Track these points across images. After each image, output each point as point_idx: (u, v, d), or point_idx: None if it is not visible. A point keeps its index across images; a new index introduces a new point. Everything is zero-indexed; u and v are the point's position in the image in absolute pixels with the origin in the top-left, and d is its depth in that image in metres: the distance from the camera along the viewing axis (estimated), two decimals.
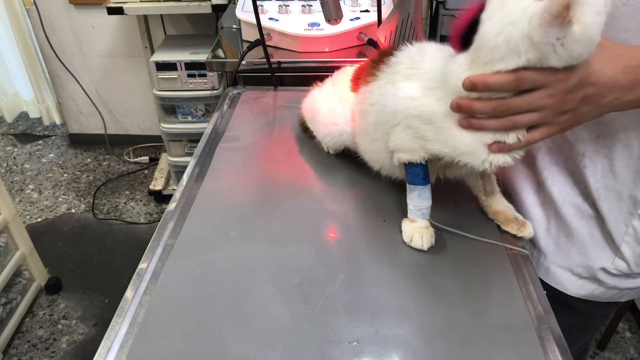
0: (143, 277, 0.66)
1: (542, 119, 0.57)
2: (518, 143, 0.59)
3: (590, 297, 0.74)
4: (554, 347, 0.57)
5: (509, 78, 0.54)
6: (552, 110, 0.56)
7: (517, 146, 0.59)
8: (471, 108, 0.58)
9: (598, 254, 0.70)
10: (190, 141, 2.18)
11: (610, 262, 0.70)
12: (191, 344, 0.57)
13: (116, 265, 2.03)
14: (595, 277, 0.72)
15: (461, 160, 0.62)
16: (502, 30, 0.53)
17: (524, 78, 0.54)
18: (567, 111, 0.56)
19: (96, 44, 2.46)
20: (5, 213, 1.62)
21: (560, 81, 0.53)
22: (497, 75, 0.55)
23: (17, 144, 2.80)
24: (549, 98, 0.55)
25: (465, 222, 0.74)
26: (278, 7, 1.31)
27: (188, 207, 0.78)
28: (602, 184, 0.67)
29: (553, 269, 0.75)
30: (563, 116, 0.56)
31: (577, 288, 0.74)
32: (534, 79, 0.54)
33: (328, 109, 0.84)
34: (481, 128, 0.59)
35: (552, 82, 0.54)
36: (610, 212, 0.67)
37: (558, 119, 0.57)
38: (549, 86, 0.54)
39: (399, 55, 0.69)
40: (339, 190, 0.83)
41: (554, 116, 0.56)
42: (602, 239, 0.70)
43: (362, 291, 0.64)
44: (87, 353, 1.68)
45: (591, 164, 0.67)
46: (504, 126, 0.58)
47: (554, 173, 0.72)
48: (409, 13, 0.95)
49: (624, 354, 1.69)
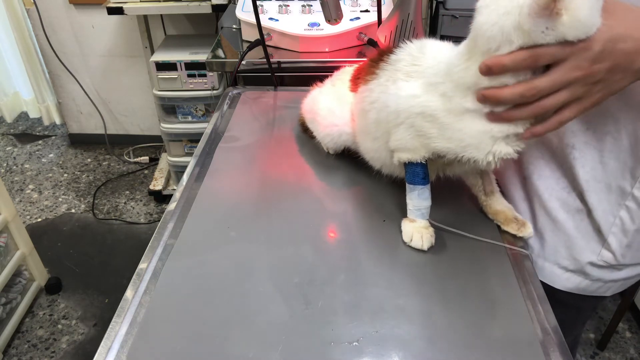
0: (143, 277, 0.66)
1: (572, 95, 0.53)
2: (550, 124, 0.56)
3: (575, 290, 0.75)
4: (554, 347, 0.57)
5: (524, 55, 0.52)
6: (582, 84, 0.52)
7: (551, 127, 0.56)
8: (497, 97, 0.55)
9: (584, 246, 0.71)
10: (190, 141, 2.18)
11: (596, 253, 0.71)
12: (191, 344, 0.57)
13: (116, 265, 2.03)
14: (581, 270, 0.73)
15: (465, 154, 0.62)
16: (498, 20, 0.53)
17: (540, 53, 0.51)
18: (598, 82, 0.52)
19: (96, 44, 2.46)
20: (5, 213, 1.62)
21: (583, 50, 0.50)
22: (512, 54, 0.52)
23: (17, 144, 2.80)
24: (576, 70, 0.51)
25: (465, 222, 0.74)
26: (278, 7, 1.31)
27: (188, 207, 0.78)
28: (592, 176, 0.67)
29: (540, 262, 0.76)
30: (594, 88, 0.53)
31: (564, 281, 0.75)
32: (553, 53, 0.51)
33: (328, 110, 0.84)
34: (511, 120, 0.57)
35: (573, 53, 0.51)
36: (599, 203, 0.68)
37: (590, 93, 0.53)
38: (572, 58, 0.51)
39: (399, 52, 0.69)
40: (339, 190, 0.83)
41: (585, 90, 0.53)
42: (589, 231, 0.71)
43: (362, 291, 0.64)
44: (87, 353, 1.68)
45: (581, 156, 0.67)
46: (535, 113, 0.55)
47: (540, 167, 0.73)
48: (409, 13, 0.95)
49: (624, 354, 1.69)
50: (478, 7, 0.55)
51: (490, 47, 0.54)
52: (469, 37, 0.58)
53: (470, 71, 0.58)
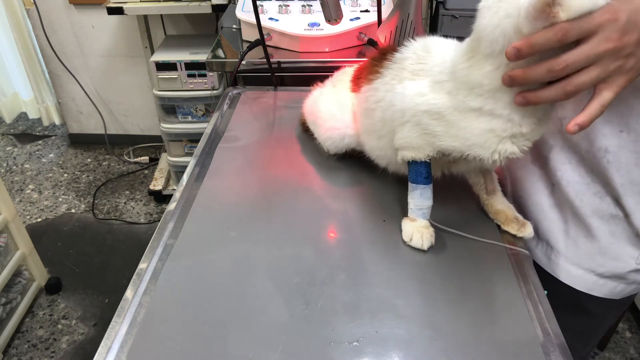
0: (143, 277, 0.66)
1: (604, 71, 0.50)
2: (592, 109, 0.52)
3: (609, 294, 0.73)
4: (554, 347, 0.57)
5: (552, 31, 0.49)
6: (613, 58, 0.50)
7: (594, 113, 0.52)
8: (525, 77, 0.53)
9: (621, 252, 0.70)
10: (190, 141, 2.18)
11: (634, 258, 0.69)
12: (191, 344, 0.57)
13: (116, 265, 2.03)
14: (617, 275, 0.71)
15: (471, 153, 0.62)
16: (499, 23, 0.53)
17: (568, 28, 0.49)
18: (629, 56, 0.50)
19: (96, 44, 2.46)
20: (5, 213, 1.62)
21: (610, 21, 0.49)
22: (540, 32, 0.50)
23: (17, 144, 2.80)
24: (606, 42, 0.49)
25: (465, 222, 0.74)
26: (278, 7, 1.31)
27: (188, 207, 0.78)
28: (627, 179, 0.65)
29: (574, 270, 0.74)
30: (627, 63, 0.50)
31: (599, 287, 0.73)
32: (580, 26, 0.49)
33: (329, 113, 0.84)
34: (539, 101, 0.54)
35: (601, 24, 0.49)
36: (636, 207, 0.66)
37: (622, 68, 0.51)
38: (600, 30, 0.49)
39: (404, 51, 0.69)
40: (339, 190, 0.83)
41: (617, 66, 0.50)
42: (626, 237, 0.69)
43: (362, 291, 0.64)
44: (87, 353, 1.68)
45: (615, 159, 0.65)
46: (565, 91, 0.52)
47: (569, 172, 0.71)
48: (409, 13, 0.95)
49: (624, 354, 1.69)
50: (480, 8, 0.55)
51: (494, 49, 0.54)
52: (471, 37, 0.58)
53: (472, 70, 0.58)
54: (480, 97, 0.58)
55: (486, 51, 0.55)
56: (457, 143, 0.62)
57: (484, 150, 0.61)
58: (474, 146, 0.61)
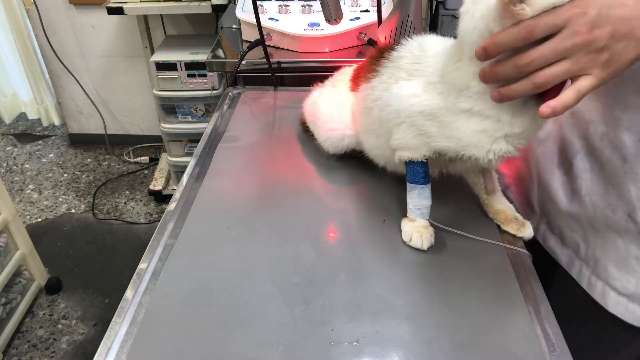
0: (143, 277, 0.66)
1: (576, 65, 0.49)
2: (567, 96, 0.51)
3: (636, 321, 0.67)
4: (554, 347, 0.57)
5: (517, 29, 0.50)
6: (584, 52, 0.49)
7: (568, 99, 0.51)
8: (494, 73, 0.53)
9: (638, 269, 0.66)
10: (190, 141, 2.18)
11: None
12: (191, 344, 0.57)
13: (116, 265, 2.03)
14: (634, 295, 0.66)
15: (465, 153, 0.62)
16: (476, 25, 0.53)
17: (533, 25, 0.49)
18: (602, 49, 0.49)
19: (96, 44, 2.46)
20: (5, 213, 1.62)
21: (579, 15, 0.48)
22: (505, 30, 0.50)
23: (17, 144, 2.80)
24: (574, 36, 0.48)
25: (465, 222, 0.74)
26: (278, 7, 1.31)
27: (188, 207, 0.78)
28: None
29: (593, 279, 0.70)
30: (600, 57, 0.49)
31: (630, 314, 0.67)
32: (546, 22, 0.49)
33: (328, 114, 0.84)
34: (512, 96, 0.54)
35: (569, 19, 0.48)
36: None
37: (596, 62, 0.49)
38: (568, 24, 0.48)
39: (400, 49, 0.69)
40: (339, 190, 0.83)
41: (589, 59, 0.49)
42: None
43: (362, 291, 0.64)
44: (87, 353, 1.68)
45: (631, 169, 0.62)
46: (535, 84, 0.51)
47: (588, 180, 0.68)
48: (409, 13, 0.95)
49: None
50: (460, 13, 0.56)
51: None
52: (456, 41, 0.59)
53: (460, 73, 0.59)
54: (469, 98, 0.59)
55: (470, 54, 0.56)
56: (451, 143, 0.63)
57: (478, 150, 0.61)
58: (469, 146, 0.61)
